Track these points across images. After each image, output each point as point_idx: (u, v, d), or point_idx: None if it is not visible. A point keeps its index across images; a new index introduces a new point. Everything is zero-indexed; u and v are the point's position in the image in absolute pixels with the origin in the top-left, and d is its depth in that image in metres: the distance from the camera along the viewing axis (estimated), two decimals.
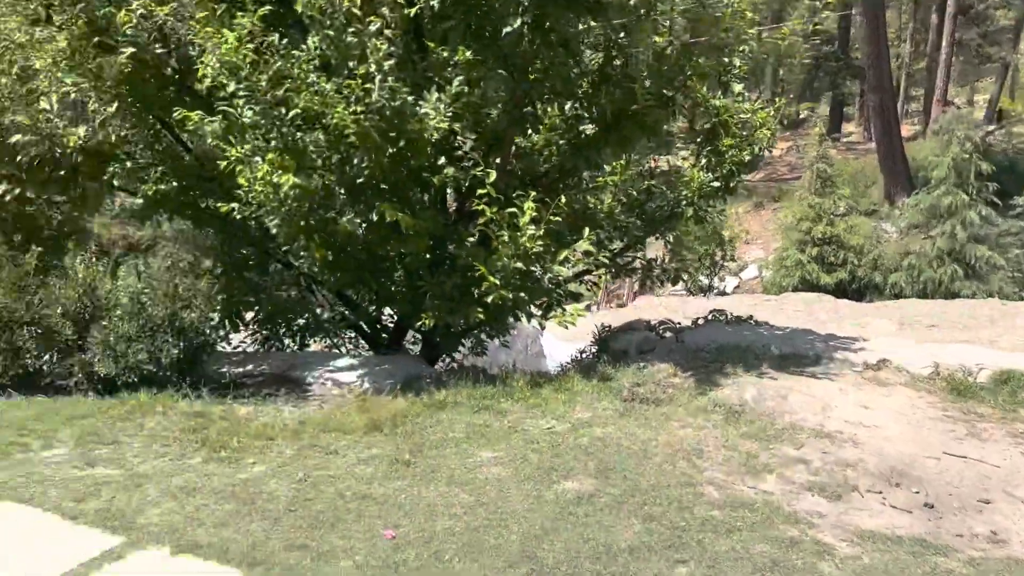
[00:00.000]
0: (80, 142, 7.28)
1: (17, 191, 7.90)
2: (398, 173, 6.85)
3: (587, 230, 6.81)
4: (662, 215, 8.14)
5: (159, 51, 7.00)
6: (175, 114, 6.66)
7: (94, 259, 7.57)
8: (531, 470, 5.15)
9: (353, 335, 9.15)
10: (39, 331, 6.84)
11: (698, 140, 8.14)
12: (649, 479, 5.04)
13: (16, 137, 7.21)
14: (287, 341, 8.74)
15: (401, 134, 6.45)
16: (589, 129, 7.48)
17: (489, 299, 6.61)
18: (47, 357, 6.92)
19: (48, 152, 7.35)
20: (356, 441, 5.70)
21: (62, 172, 7.66)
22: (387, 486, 4.95)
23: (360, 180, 6.76)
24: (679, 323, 8.42)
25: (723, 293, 23.12)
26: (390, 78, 6.28)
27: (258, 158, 6.38)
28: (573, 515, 4.59)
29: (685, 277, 8.77)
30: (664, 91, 7.11)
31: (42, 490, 4.80)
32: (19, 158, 7.38)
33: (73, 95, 6.98)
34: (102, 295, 6.97)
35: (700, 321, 8.43)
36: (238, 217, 6.89)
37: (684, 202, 7.83)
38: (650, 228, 8.35)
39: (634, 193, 8.16)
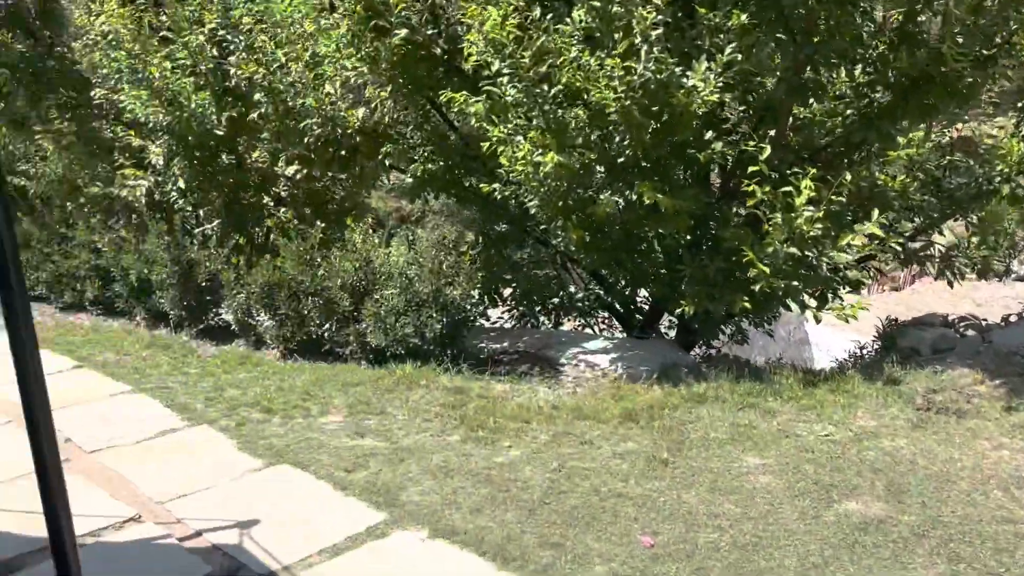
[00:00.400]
0: (359, 124, 7.71)
1: (305, 171, 8.61)
2: (660, 149, 6.47)
3: (876, 211, 5.98)
4: (966, 193, 7.00)
5: (430, 32, 7.18)
6: (442, 96, 6.79)
7: (371, 231, 8.03)
8: (806, 484, 4.61)
9: (606, 316, 8.97)
10: (321, 301, 7.37)
11: (1019, 105, 6.88)
12: (953, 509, 4.29)
13: (305, 120, 7.79)
14: (542, 319, 8.76)
15: (665, 108, 6.05)
16: (881, 96, 6.56)
17: (756, 287, 6.07)
18: (327, 325, 7.44)
19: (331, 133, 7.87)
20: (611, 432, 5.48)
21: (343, 152, 8.20)
22: (644, 486, 4.67)
23: (621, 159, 6.47)
24: (984, 319, 7.23)
25: (1023, 278, 20.15)
26: (656, 49, 5.89)
27: (520, 137, 6.32)
28: (860, 544, 4.01)
29: (995, 266, 7.52)
30: (981, 50, 6.02)
31: (317, 456, 5.10)
32: (307, 139, 7.98)
33: (352, 79, 7.37)
34: (376, 267, 7.36)
35: (1012, 318, 7.18)
36: (498, 197, 6.92)
37: (998, 178, 6.66)
38: (949, 208, 7.24)
39: (931, 168, 7.10)
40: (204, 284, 8.32)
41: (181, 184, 9.11)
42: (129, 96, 8.55)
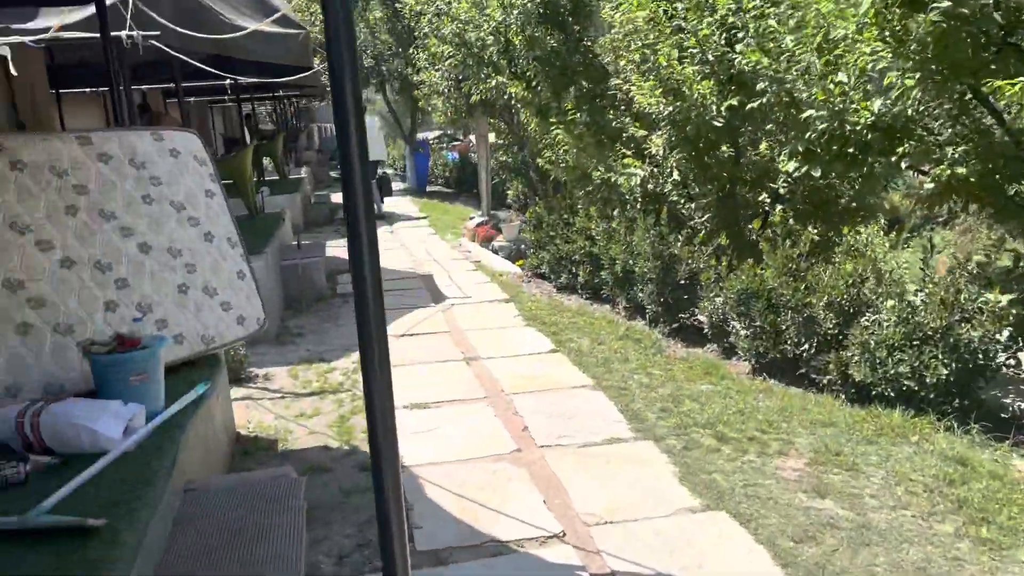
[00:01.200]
0: (872, 117, 6.55)
1: (806, 167, 7.71)
2: None
3: None
4: None
5: (983, 2, 5.67)
6: (985, 84, 5.31)
7: (881, 233, 6.89)
8: None
9: None
10: (801, 319, 6.52)
11: None
12: None
13: (808, 112, 6.90)
14: None
15: None
16: None
17: None
18: (805, 346, 6.56)
19: (838, 128, 6.84)
20: None
21: (850, 149, 7.10)
22: None
23: None
24: None
25: None
26: None
27: None
28: None
29: None
30: None
31: (762, 511, 4.37)
32: (809, 134, 7.09)
33: (869, 66, 6.24)
34: (885, 275, 6.25)
35: None
36: None
37: None
38: None
39: None
40: (683, 282, 8.05)
41: (676, 176, 8.98)
42: (638, 86, 8.65)
